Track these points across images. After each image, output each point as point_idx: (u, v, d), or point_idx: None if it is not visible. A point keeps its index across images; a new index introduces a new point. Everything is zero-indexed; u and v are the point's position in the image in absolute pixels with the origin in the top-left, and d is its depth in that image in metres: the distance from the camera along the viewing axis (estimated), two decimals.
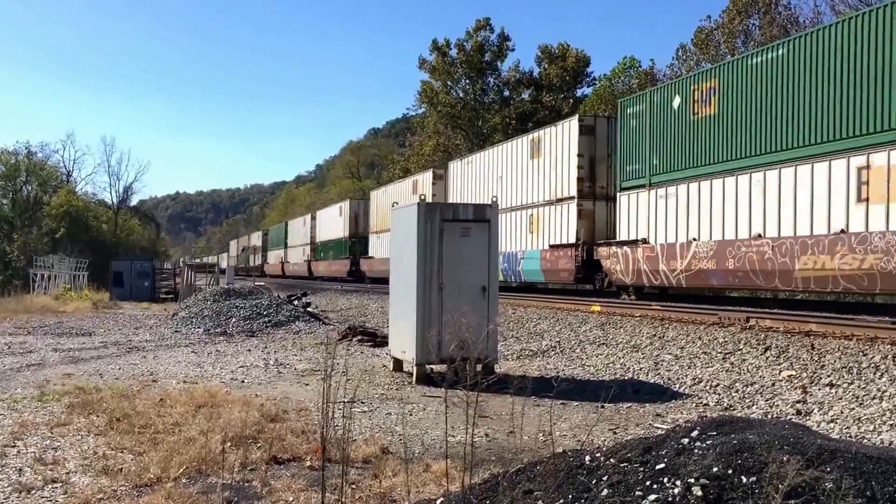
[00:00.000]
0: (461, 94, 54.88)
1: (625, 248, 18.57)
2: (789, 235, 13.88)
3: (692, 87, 16.72)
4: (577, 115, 22.05)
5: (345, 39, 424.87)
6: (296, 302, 22.67)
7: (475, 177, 27.25)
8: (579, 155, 20.58)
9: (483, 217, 10.56)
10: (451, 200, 28.28)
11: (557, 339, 13.79)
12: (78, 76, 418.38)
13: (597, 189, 20.62)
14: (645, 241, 17.96)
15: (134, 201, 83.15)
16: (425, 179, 32.26)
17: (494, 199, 11.21)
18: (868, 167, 12.47)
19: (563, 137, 21.38)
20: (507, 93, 54.91)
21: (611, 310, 15.66)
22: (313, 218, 52.02)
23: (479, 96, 54.71)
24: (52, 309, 26.49)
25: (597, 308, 16.06)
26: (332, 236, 45.90)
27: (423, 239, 10.29)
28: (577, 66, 52.67)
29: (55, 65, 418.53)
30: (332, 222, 46.16)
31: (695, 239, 16.30)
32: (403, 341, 10.90)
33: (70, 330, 18.97)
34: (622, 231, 19.06)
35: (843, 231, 12.80)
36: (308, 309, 21.77)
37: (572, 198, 20.73)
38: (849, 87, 12.88)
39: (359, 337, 15.56)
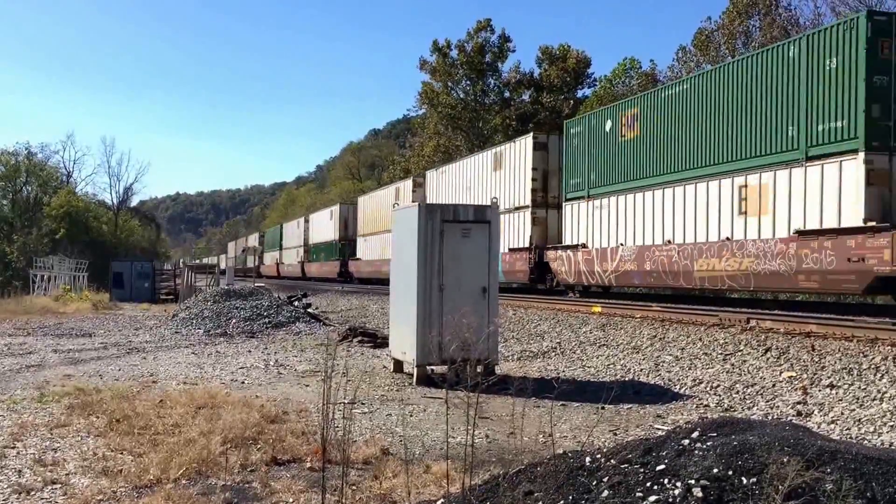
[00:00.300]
0: (462, 95, 54.85)
1: (568, 251, 21.05)
2: (691, 242, 16.41)
3: (620, 114, 19.40)
4: (531, 133, 24.07)
5: (345, 40, 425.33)
6: (296, 303, 22.66)
7: (448, 185, 29.16)
8: (534, 168, 22.75)
9: (483, 218, 10.55)
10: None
11: (558, 341, 13.79)
12: (78, 76, 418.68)
13: (549, 199, 22.61)
14: (584, 246, 20.37)
15: (134, 202, 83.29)
16: (406, 187, 34.01)
17: (495, 199, 11.21)
18: (746, 186, 15.06)
19: (521, 152, 23.59)
20: (507, 94, 54.89)
21: (611, 311, 15.67)
22: (306, 221, 53.60)
23: (479, 97, 54.66)
24: (51, 310, 26.50)
25: (597, 309, 16.07)
26: (324, 239, 47.54)
27: (423, 239, 10.29)
28: (577, 67, 52.62)
29: (55, 65, 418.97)
30: (324, 225, 47.76)
31: (622, 244, 18.84)
32: (404, 342, 10.90)
33: (70, 331, 18.97)
34: (566, 237, 21.45)
35: (727, 239, 15.39)
36: (308, 310, 21.77)
37: (527, 206, 22.80)
38: (732, 119, 15.40)
39: (359, 338, 15.56)
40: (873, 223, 12.48)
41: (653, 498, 3.45)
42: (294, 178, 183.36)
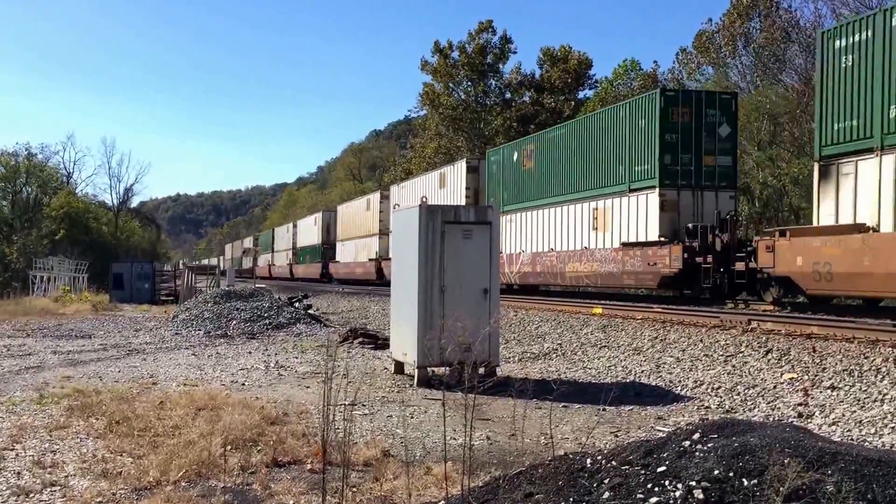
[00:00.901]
0: (463, 97, 54.85)
1: None
2: (565, 250, 21.66)
3: (523, 147, 24.94)
4: (465, 158, 30.21)
5: (347, 41, 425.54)
6: (297, 304, 22.65)
7: (407, 198, 33.38)
8: (467, 188, 27.46)
9: (485, 219, 10.53)
10: (391, 217, 35.77)
11: (559, 342, 13.77)
12: (78, 78, 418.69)
13: None
14: (500, 252, 24.68)
15: (134, 203, 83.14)
16: (375, 198, 38.59)
17: (494, 200, 11.20)
18: (597, 209, 20.43)
19: (458, 174, 28.60)
20: (508, 95, 54.89)
21: (612, 312, 15.66)
22: (294, 226, 58.81)
23: (480, 98, 54.67)
24: (51, 311, 26.48)
25: (598, 310, 16.06)
26: (309, 243, 52.21)
27: (424, 241, 10.26)
28: (578, 69, 52.63)
29: (55, 67, 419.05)
30: (309, 230, 52.61)
31: (522, 251, 23.93)
32: (405, 344, 10.88)
33: (69, 332, 18.96)
34: None
35: (585, 248, 20.76)
36: (309, 311, 21.75)
37: None
38: (590, 158, 20.90)
39: (360, 339, 15.54)
40: (663, 238, 17.76)
41: (654, 500, 3.44)
42: (295, 179, 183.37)
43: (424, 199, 10.78)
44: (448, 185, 29.11)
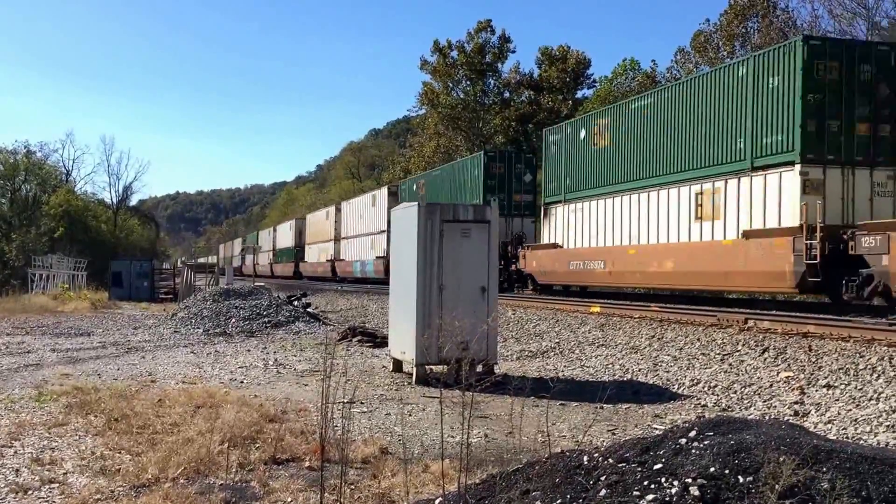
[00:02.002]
0: (462, 96, 54.81)
1: None
2: None
3: (419, 181, 34.24)
4: (387, 186, 38.70)
5: (346, 40, 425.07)
6: (295, 302, 22.66)
7: (352, 214, 41.43)
8: (388, 208, 31.00)
9: (483, 218, 10.55)
10: (343, 229, 43.17)
11: (557, 341, 13.80)
12: (78, 78, 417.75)
13: None
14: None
15: (133, 201, 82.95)
16: (331, 210, 46.78)
17: (495, 200, 11.22)
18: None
19: (383, 197, 35.61)
20: (507, 94, 54.87)
21: (610, 311, 15.69)
22: (274, 230, 67.50)
23: (479, 98, 54.64)
24: (50, 309, 26.46)
25: (596, 309, 16.09)
26: (285, 245, 60.50)
27: (423, 240, 10.28)
28: (577, 68, 52.62)
29: (55, 67, 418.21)
30: (286, 234, 61.07)
31: None
32: (403, 342, 10.90)
33: (68, 330, 18.96)
34: None
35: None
36: (308, 309, 21.77)
37: (383, 231, 32.66)
38: (455, 194, 28.35)
39: (358, 337, 15.56)
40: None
41: (650, 497, 3.47)
42: (294, 178, 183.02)
43: (423, 198, 10.78)
44: (377, 205, 36.44)
